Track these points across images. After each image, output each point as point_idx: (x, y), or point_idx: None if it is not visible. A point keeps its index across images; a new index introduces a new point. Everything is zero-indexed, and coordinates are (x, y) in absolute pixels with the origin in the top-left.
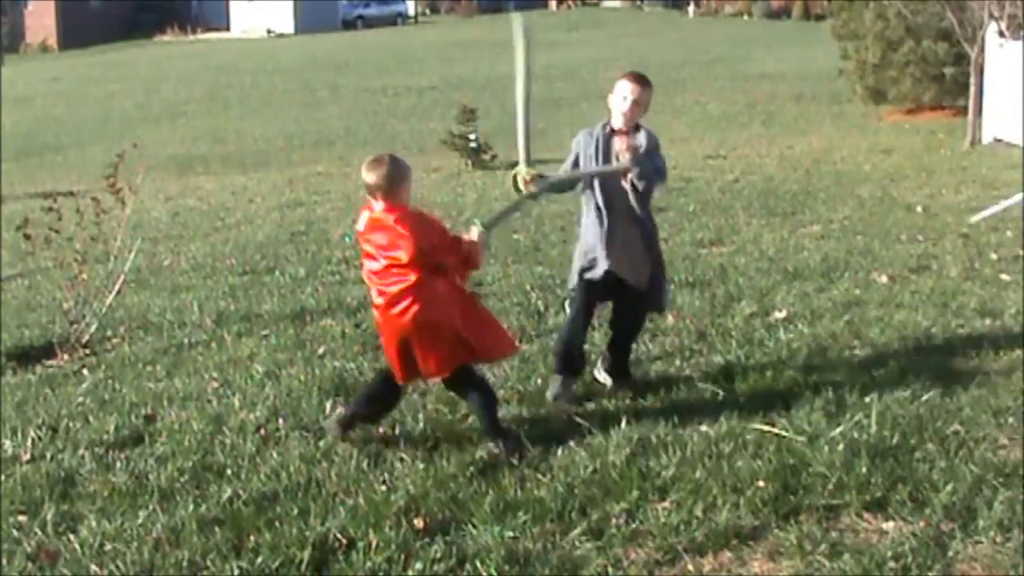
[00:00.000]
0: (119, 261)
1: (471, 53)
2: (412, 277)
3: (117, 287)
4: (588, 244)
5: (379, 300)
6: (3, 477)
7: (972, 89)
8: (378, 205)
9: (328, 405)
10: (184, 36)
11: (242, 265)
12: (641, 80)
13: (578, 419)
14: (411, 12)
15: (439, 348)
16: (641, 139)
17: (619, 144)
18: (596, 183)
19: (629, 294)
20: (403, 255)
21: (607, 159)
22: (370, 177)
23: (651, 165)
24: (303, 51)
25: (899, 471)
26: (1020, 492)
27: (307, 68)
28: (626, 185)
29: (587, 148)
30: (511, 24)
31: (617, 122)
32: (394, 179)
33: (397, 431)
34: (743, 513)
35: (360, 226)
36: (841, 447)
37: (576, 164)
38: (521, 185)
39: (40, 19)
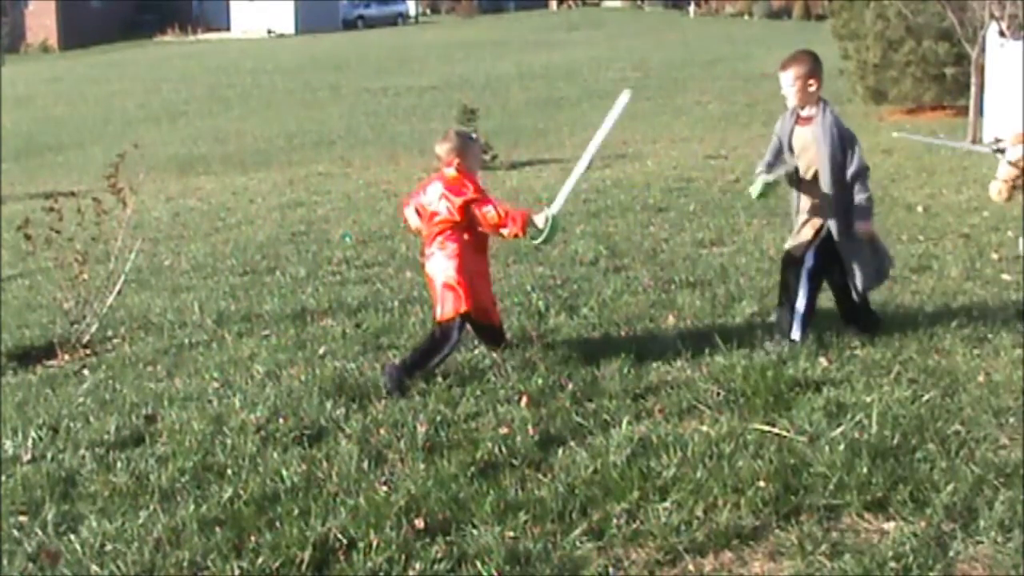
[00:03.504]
0: (119, 261)
1: (471, 53)
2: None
3: (118, 287)
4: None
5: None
6: (4, 477)
7: (973, 89)
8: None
9: (329, 405)
10: (185, 36)
11: (242, 265)
12: (787, 64)
13: (578, 419)
14: (412, 12)
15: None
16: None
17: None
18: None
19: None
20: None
21: (790, 142)
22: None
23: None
24: (303, 51)
25: (900, 471)
26: (1021, 492)
27: (307, 68)
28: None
29: (782, 133)
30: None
31: (792, 105)
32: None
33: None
34: (744, 513)
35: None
36: (842, 447)
37: (779, 147)
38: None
39: (41, 19)
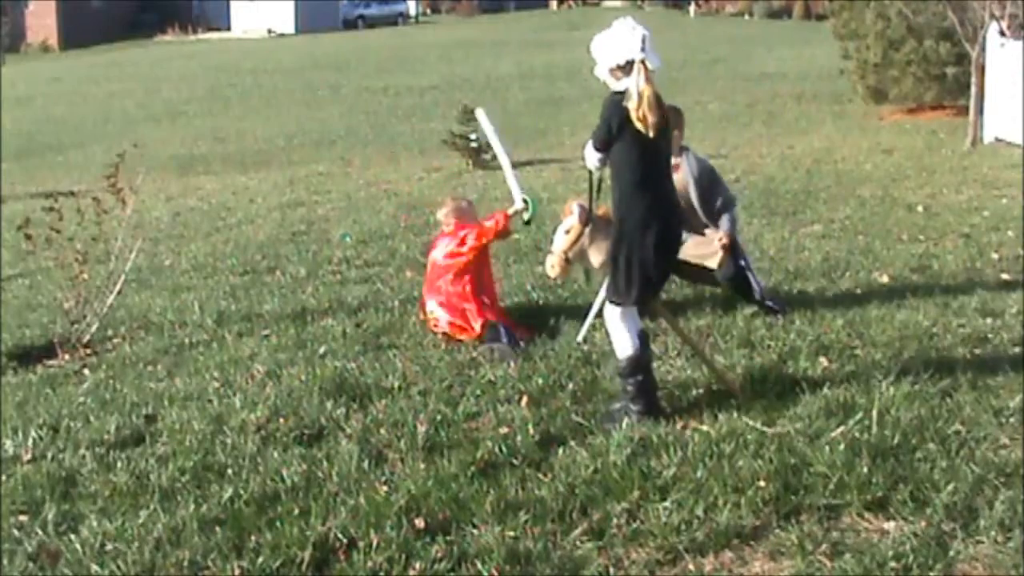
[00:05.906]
0: (120, 261)
1: (472, 53)
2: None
3: (118, 287)
4: None
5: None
6: (4, 477)
7: (973, 89)
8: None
9: (329, 404)
10: (185, 36)
11: (243, 265)
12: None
13: (578, 419)
14: (412, 12)
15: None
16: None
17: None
18: None
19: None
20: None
21: None
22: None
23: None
24: (304, 51)
25: (900, 471)
26: (1021, 492)
27: (308, 68)
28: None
29: None
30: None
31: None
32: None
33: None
34: (744, 513)
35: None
36: (842, 447)
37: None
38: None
39: (41, 19)
